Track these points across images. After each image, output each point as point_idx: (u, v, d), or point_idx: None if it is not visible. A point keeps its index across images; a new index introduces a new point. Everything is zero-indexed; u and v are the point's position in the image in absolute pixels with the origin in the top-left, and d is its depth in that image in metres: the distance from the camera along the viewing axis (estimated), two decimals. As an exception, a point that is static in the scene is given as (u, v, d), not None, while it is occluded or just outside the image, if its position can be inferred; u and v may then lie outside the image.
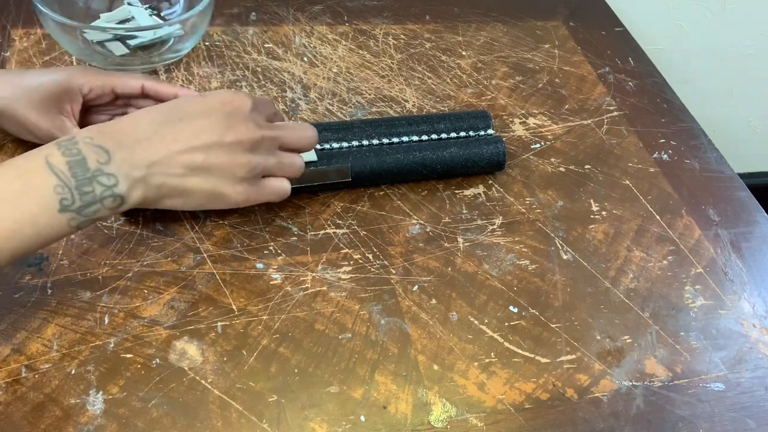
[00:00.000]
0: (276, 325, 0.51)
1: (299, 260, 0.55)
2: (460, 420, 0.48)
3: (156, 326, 0.49)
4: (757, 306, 0.59)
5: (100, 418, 0.44)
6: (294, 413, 0.46)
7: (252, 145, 0.47)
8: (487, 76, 0.77)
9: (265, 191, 0.50)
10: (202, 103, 0.46)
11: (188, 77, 0.69)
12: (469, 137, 0.64)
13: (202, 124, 0.45)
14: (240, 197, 0.48)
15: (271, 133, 0.48)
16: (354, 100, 0.70)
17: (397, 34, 0.80)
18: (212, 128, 0.45)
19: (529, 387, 0.50)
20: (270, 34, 0.76)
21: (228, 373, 0.47)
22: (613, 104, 0.77)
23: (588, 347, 0.53)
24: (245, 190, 0.48)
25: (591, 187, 0.66)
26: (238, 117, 0.46)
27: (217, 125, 0.45)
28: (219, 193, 0.47)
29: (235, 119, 0.46)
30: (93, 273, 0.52)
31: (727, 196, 0.69)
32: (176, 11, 0.73)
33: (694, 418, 0.50)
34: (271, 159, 0.49)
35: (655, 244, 0.62)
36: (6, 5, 0.73)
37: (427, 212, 0.61)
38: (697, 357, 0.54)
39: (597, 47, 0.85)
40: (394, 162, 0.60)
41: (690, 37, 1.13)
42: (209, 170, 0.45)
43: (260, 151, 0.48)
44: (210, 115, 0.46)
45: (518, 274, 0.57)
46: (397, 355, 0.50)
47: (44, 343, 0.47)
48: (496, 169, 0.64)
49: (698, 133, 0.76)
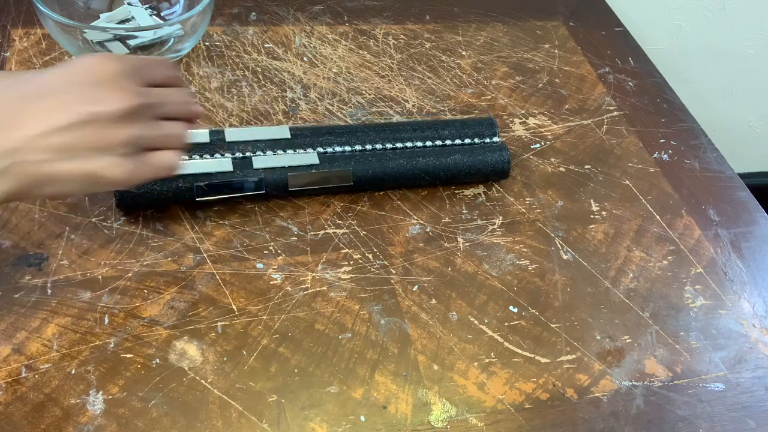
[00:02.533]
0: (276, 325, 0.51)
1: (299, 260, 0.55)
2: (460, 420, 0.48)
3: (156, 326, 0.49)
4: (757, 306, 0.59)
5: (100, 418, 0.44)
6: (294, 413, 0.46)
7: (125, 115, 0.41)
8: (487, 76, 0.77)
9: (151, 166, 0.44)
10: (61, 75, 0.41)
11: (188, 77, 0.69)
12: (473, 144, 0.63)
13: (63, 98, 0.40)
14: (121, 176, 0.42)
15: (147, 100, 0.42)
16: (354, 100, 0.70)
17: (397, 34, 0.80)
18: (76, 102, 0.40)
19: (529, 387, 0.50)
20: (270, 34, 0.76)
21: (228, 373, 0.47)
22: (613, 104, 0.77)
23: (588, 347, 0.53)
24: (125, 168, 0.42)
25: (591, 187, 0.66)
26: (104, 86, 0.41)
27: (81, 98, 0.40)
28: (96, 175, 0.41)
29: (102, 88, 0.40)
30: (93, 273, 0.52)
31: (727, 196, 0.69)
32: (176, 11, 0.73)
33: (694, 418, 0.50)
34: (153, 130, 0.43)
35: (655, 244, 0.62)
36: (6, 5, 0.72)
37: (427, 212, 0.61)
38: (697, 357, 0.54)
39: (597, 47, 0.85)
40: (396, 167, 0.60)
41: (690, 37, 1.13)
42: (79, 151, 0.40)
43: (137, 121, 0.42)
44: (71, 88, 0.40)
45: (518, 274, 0.57)
46: (397, 355, 0.50)
47: (44, 343, 0.47)
48: (501, 178, 0.64)
49: (698, 133, 0.76)
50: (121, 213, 0.56)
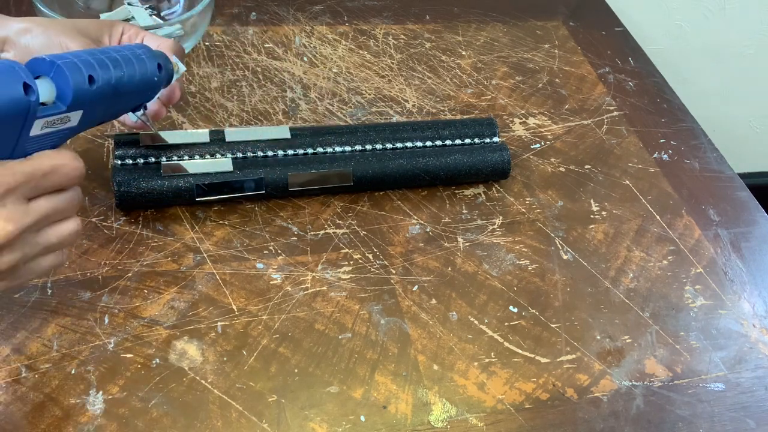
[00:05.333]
0: (276, 325, 0.51)
1: (299, 260, 0.55)
2: (460, 420, 0.48)
3: (156, 326, 0.49)
4: (757, 306, 0.59)
5: (100, 418, 0.44)
6: (294, 413, 0.46)
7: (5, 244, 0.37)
8: (487, 76, 0.77)
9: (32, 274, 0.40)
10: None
11: (188, 77, 0.69)
12: (474, 144, 0.63)
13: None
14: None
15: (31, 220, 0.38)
16: (354, 100, 0.70)
17: (397, 34, 0.80)
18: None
19: (529, 387, 0.50)
20: (270, 34, 0.76)
21: (228, 373, 0.47)
22: (613, 104, 0.77)
23: (588, 347, 0.53)
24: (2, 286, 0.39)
25: (591, 187, 0.66)
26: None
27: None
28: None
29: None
30: (93, 273, 0.52)
31: (727, 196, 0.69)
32: (176, 11, 0.73)
33: (694, 418, 0.50)
34: (34, 248, 0.39)
35: (655, 244, 0.62)
36: (6, 5, 0.72)
37: (427, 212, 0.61)
38: (697, 357, 0.54)
39: (597, 47, 0.85)
40: (396, 167, 0.60)
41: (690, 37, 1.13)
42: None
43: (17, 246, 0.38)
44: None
45: (518, 274, 0.57)
46: (397, 355, 0.50)
47: (44, 343, 0.47)
48: (501, 178, 0.64)
49: (698, 133, 0.76)
50: (121, 213, 0.56)
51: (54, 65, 0.37)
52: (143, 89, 0.44)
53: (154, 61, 0.44)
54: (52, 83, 0.37)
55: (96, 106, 0.40)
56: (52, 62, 0.37)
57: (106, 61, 0.40)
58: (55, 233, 0.40)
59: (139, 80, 0.43)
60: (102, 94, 0.39)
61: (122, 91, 0.41)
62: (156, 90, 0.46)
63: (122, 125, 0.57)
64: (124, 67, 0.41)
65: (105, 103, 0.41)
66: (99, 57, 0.40)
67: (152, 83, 0.44)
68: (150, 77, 0.44)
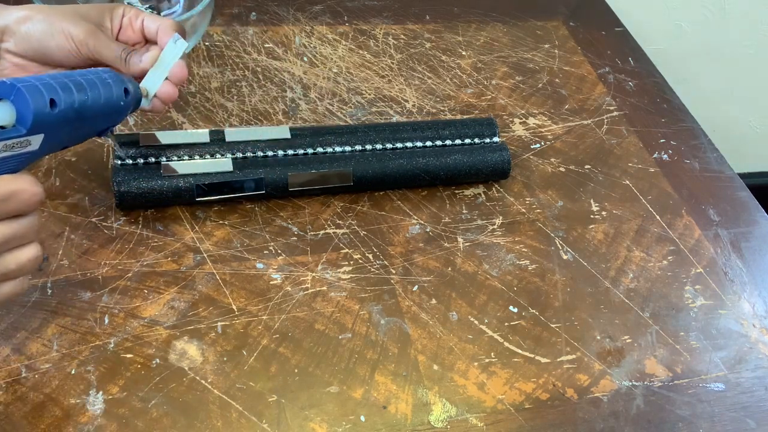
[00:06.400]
0: (276, 325, 0.51)
1: (299, 260, 0.55)
2: (460, 420, 0.48)
3: (156, 326, 0.49)
4: (757, 306, 0.59)
5: (100, 418, 0.44)
6: (294, 413, 0.46)
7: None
8: (487, 76, 0.77)
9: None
10: None
11: (188, 77, 0.69)
12: (474, 144, 0.63)
13: None
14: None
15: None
16: (354, 100, 0.70)
17: (397, 34, 0.80)
18: None
19: (529, 387, 0.50)
20: (270, 34, 0.76)
21: (228, 373, 0.47)
22: (613, 104, 0.77)
23: (588, 347, 0.53)
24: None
25: (591, 187, 0.66)
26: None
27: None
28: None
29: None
30: (93, 273, 0.52)
31: (727, 196, 0.69)
32: (176, 11, 0.73)
33: (694, 418, 0.50)
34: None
35: (655, 244, 0.62)
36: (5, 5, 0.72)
37: (427, 212, 0.61)
38: (697, 357, 0.54)
39: (597, 47, 0.85)
40: (396, 167, 0.60)
41: (690, 37, 1.13)
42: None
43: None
44: None
45: (518, 274, 0.57)
46: (397, 355, 0.50)
47: (44, 343, 0.47)
48: (501, 178, 0.64)
49: (698, 133, 0.76)
50: (121, 213, 0.56)
51: (14, 88, 0.36)
52: (108, 113, 0.43)
53: (121, 85, 0.44)
54: (12, 106, 0.36)
55: (58, 130, 0.39)
56: (12, 85, 0.36)
57: (70, 85, 0.39)
58: (14, 259, 0.39)
59: (104, 104, 0.42)
60: (64, 118, 0.39)
61: (86, 115, 0.41)
62: (123, 114, 0.45)
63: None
64: (88, 90, 0.40)
65: (68, 127, 0.40)
66: (62, 80, 0.39)
67: (118, 107, 0.44)
68: (116, 101, 0.43)
